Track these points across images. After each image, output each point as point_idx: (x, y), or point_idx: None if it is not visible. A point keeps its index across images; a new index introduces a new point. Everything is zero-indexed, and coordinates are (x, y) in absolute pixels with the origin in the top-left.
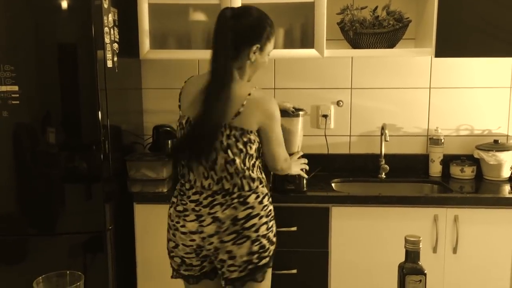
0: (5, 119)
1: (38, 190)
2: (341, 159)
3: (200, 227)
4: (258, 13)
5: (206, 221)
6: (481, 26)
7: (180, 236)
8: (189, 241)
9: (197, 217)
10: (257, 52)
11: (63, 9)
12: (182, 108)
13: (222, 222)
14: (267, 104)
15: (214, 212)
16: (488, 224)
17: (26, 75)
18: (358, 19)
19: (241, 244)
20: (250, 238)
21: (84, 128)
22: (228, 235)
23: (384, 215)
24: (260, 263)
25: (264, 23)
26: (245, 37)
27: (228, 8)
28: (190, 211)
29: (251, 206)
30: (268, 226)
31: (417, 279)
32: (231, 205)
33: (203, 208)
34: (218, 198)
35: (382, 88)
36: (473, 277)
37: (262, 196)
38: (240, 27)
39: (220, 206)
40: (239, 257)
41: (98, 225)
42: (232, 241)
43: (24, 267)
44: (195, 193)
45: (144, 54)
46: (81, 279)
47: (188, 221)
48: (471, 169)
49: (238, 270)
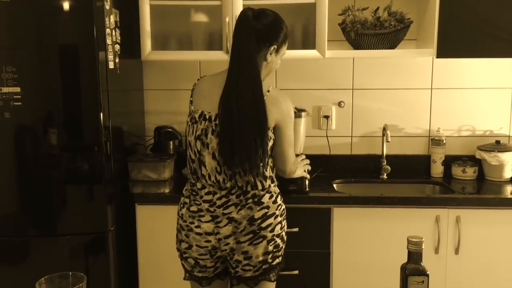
0: (7, 120)
1: (40, 191)
2: (342, 160)
3: (217, 228)
4: (275, 14)
5: (222, 222)
6: (483, 27)
7: (194, 237)
8: (204, 242)
9: (213, 218)
10: (273, 53)
11: (65, 10)
12: (195, 103)
13: (238, 223)
14: (285, 103)
15: (229, 212)
16: (490, 225)
17: (28, 76)
18: (360, 20)
19: (257, 244)
20: (266, 238)
21: (86, 129)
22: (244, 236)
23: (386, 216)
24: (274, 262)
25: (282, 24)
26: (264, 37)
27: (249, 8)
28: (205, 211)
29: (266, 206)
30: (282, 225)
31: (420, 280)
32: (246, 205)
33: (217, 208)
34: (232, 198)
35: (384, 89)
36: (475, 278)
37: (276, 195)
38: (261, 27)
39: (234, 206)
40: (255, 257)
41: (99, 226)
42: (249, 241)
43: (26, 268)
44: (208, 193)
45: (146, 55)
46: (83, 280)
47: (204, 221)
48: (473, 170)
49: (252, 270)
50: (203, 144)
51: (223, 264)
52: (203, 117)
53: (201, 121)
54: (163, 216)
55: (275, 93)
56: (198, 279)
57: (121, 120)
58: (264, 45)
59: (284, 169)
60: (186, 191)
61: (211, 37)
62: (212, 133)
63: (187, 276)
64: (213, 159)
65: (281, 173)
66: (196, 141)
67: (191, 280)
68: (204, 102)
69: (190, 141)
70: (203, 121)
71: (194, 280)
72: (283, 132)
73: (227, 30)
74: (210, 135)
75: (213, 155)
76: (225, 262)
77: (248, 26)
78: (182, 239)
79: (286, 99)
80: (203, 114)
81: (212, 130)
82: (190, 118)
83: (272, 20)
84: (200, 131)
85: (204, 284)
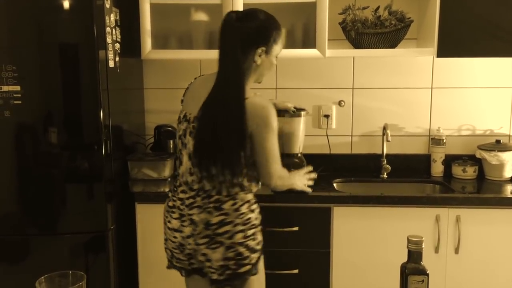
0: (7, 119)
1: (39, 190)
2: (342, 159)
3: (181, 227)
4: (265, 16)
5: (185, 222)
6: (483, 26)
7: (167, 231)
8: (173, 237)
9: (180, 216)
10: (263, 54)
11: (65, 9)
12: (184, 103)
13: (196, 225)
14: (263, 111)
15: (191, 214)
16: (490, 224)
17: (28, 75)
18: (360, 19)
19: (214, 249)
20: (224, 244)
21: (86, 128)
22: (201, 238)
23: (386, 215)
24: (239, 270)
25: (271, 25)
26: (250, 40)
27: (233, 11)
28: (176, 209)
29: (225, 212)
30: (246, 235)
31: (420, 279)
32: (206, 209)
33: (185, 207)
34: (198, 200)
35: (384, 88)
36: (475, 277)
37: (241, 203)
38: (245, 30)
39: (197, 209)
40: (215, 261)
41: (99, 225)
42: (206, 245)
43: (26, 267)
44: (183, 191)
45: (146, 54)
46: (83, 279)
47: (173, 218)
48: (473, 169)
49: (216, 273)
50: (182, 144)
51: None
52: (185, 118)
53: (183, 121)
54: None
55: (255, 100)
56: (177, 269)
57: (121, 119)
58: (250, 47)
59: (268, 184)
60: (172, 186)
61: (211, 36)
62: (190, 134)
63: (168, 265)
64: (188, 160)
65: (268, 187)
66: (179, 140)
67: (171, 268)
68: (191, 103)
69: (176, 140)
70: (185, 122)
71: (174, 269)
72: (262, 142)
73: None
74: (188, 136)
75: (189, 156)
76: None
77: (231, 29)
78: (164, 231)
79: (267, 107)
80: (186, 115)
81: (190, 132)
82: (178, 117)
83: (259, 21)
84: (181, 131)
85: (183, 274)
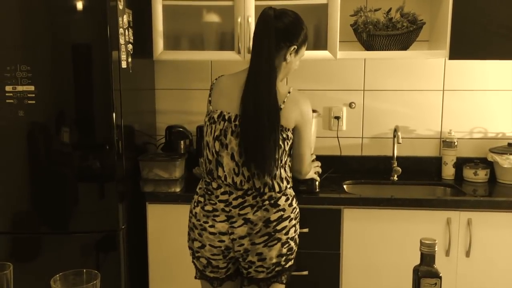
0: (21, 118)
1: (52, 189)
2: (353, 161)
3: (231, 228)
4: (295, 15)
5: (237, 223)
6: (496, 28)
7: (208, 236)
8: (218, 241)
9: (228, 218)
10: (293, 53)
11: (78, 10)
12: (213, 103)
13: (254, 224)
14: (305, 105)
15: (245, 213)
16: (502, 228)
17: (42, 75)
18: (372, 21)
19: (272, 246)
20: (281, 240)
21: (98, 128)
22: (260, 237)
23: (396, 217)
24: (286, 265)
25: (302, 24)
26: (285, 37)
27: (270, 7)
28: (220, 211)
29: (282, 208)
30: (295, 228)
31: (432, 282)
32: (262, 207)
33: (233, 208)
34: (248, 199)
35: (395, 90)
36: (486, 281)
37: (291, 198)
38: (282, 26)
39: (251, 207)
40: (269, 259)
41: (111, 224)
42: (264, 243)
43: (38, 265)
44: (224, 192)
45: (158, 55)
46: (97, 277)
47: (218, 221)
48: (485, 172)
49: (265, 272)
50: (222, 144)
51: (234, 265)
52: (222, 117)
53: (220, 121)
54: (173, 215)
55: (296, 94)
56: (209, 279)
57: (133, 119)
58: (284, 45)
59: (300, 170)
60: (200, 190)
61: (223, 37)
62: (232, 133)
63: (199, 275)
64: (231, 160)
65: (296, 174)
66: (215, 141)
67: (202, 279)
68: (223, 102)
69: (208, 141)
70: (222, 122)
71: (205, 280)
72: (302, 133)
73: (239, 30)
74: (230, 135)
75: (231, 156)
76: (236, 263)
77: (269, 25)
78: (195, 238)
79: (306, 101)
80: (222, 114)
81: (232, 131)
82: (208, 118)
83: (293, 20)
84: (219, 132)
85: (215, 285)
